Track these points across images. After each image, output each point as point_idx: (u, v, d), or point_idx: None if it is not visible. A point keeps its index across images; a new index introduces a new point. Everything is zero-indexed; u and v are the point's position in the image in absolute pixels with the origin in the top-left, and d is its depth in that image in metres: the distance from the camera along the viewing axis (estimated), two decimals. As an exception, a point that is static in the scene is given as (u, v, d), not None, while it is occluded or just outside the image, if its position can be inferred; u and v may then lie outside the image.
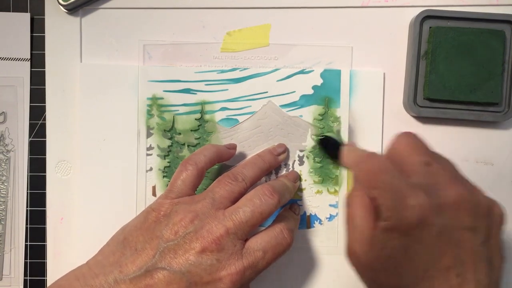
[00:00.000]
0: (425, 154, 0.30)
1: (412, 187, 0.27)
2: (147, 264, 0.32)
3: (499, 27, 0.39)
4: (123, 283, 0.31)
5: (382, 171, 0.29)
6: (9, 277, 0.42)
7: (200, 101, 0.41)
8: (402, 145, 0.31)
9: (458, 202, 0.27)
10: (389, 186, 0.28)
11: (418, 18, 0.39)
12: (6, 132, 0.42)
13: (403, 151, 0.30)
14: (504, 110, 0.39)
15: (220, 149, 0.38)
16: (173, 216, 0.33)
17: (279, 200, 0.34)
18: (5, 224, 0.42)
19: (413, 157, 0.30)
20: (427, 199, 0.27)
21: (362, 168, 0.30)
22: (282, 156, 0.40)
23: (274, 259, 0.34)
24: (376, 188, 0.28)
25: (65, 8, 0.41)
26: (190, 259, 0.31)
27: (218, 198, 0.34)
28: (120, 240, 0.34)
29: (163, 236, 0.32)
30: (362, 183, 0.30)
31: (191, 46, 0.41)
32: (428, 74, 0.39)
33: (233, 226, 0.32)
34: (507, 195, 0.41)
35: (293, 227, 0.36)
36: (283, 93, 0.41)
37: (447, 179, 0.28)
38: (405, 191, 0.27)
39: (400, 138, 0.31)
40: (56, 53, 0.41)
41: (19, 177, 0.42)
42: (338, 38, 0.41)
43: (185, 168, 0.36)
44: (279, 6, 0.41)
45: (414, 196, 0.27)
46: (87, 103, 0.41)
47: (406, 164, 0.30)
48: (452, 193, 0.27)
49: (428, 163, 0.29)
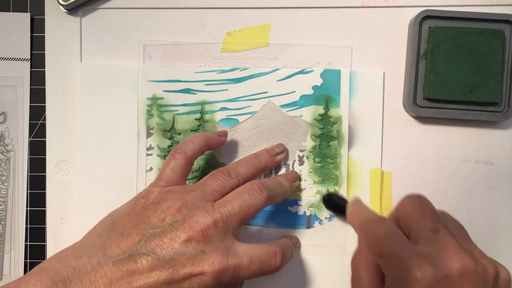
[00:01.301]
0: (433, 220, 0.30)
1: (418, 258, 0.28)
2: (132, 248, 0.31)
3: (499, 27, 0.39)
4: (106, 266, 0.31)
5: (388, 239, 0.29)
6: (9, 277, 0.42)
7: (200, 101, 0.41)
8: (409, 209, 0.31)
9: (464, 273, 0.27)
10: (395, 256, 0.28)
11: (417, 18, 0.39)
12: (6, 132, 0.42)
13: (410, 216, 0.30)
14: (504, 109, 0.39)
15: (210, 137, 0.38)
16: (161, 203, 0.33)
17: (268, 196, 0.34)
18: (5, 224, 0.42)
19: (421, 223, 0.30)
20: (433, 272, 0.27)
21: (369, 232, 0.30)
22: (280, 156, 0.40)
23: (256, 274, 0.33)
24: (382, 257, 0.28)
25: (65, 8, 0.41)
26: (175, 247, 0.31)
27: (209, 190, 0.34)
28: (107, 224, 0.34)
29: (150, 222, 0.32)
30: (368, 248, 0.30)
31: (191, 46, 0.41)
32: (427, 74, 0.39)
33: (220, 218, 0.32)
34: (507, 195, 0.41)
35: (287, 255, 0.36)
36: (283, 93, 0.41)
37: (453, 249, 0.28)
38: (410, 262, 0.27)
39: (408, 201, 0.31)
40: (56, 53, 0.41)
41: (19, 177, 0.42)
42: (338, 38, 0.41)
43: (173, 156, 0.36)
44: (279, 6, 0.41)
45: (420, 269, 0.27)
46: (87, 103, 0.41)
47: (413, 229, 0.30)
48: (457, 265, 0.27)
49: (435, 230, 0.29)
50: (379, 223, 0.30)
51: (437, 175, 0.41)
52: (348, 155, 0.41)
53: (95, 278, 0.30)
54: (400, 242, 0.29)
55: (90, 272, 0.30)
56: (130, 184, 0.41)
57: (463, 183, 0.41)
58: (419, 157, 0.41)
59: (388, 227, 0.29)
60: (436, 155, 0.41)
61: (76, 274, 0.30)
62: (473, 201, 0.40)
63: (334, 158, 0.41)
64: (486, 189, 0.41)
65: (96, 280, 0.30)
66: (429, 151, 0.41)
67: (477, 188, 0.41)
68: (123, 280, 0.30)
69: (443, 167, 0.41)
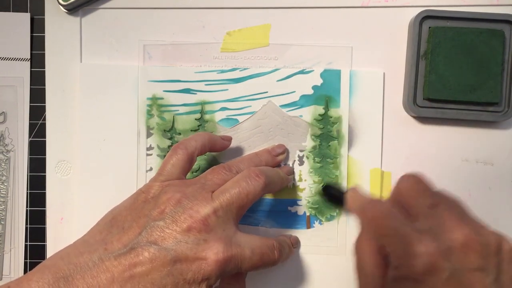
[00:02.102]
0: (429, 196, 0.30)
1: (419, 233, 0.28)
2: (133, 241, 0.31)
3: (499, 27, 0.39)
4: (107, 261, 0.31)
5: (387, 218, 0.29)
6: (9, 277, 0.42)
7: (200, 101, 0.41)
8: (405, 188, 0.31)
9: (466, 244, 0.27)
10: (396, 233, 0.28)
11: (417, 18, 0.39)
12: (6, 132, 0.42)
13: (407, 195, 0.30)
14: (504, 109, 0.39)
15: (213, 138, 0.38)
16: (161, 196, 0.33)
17: (265, 182, 0.35)
18: (5, 224, 0.42)
19: (418, 200, 0.30)
20: (435, 245, 0.27)
21: (367, 215, 0.30)
22: (281, 156, 0.40)
23: (257, 265, 0.34)
24: (383, 236, 0.28)
25: (65, 8, 0.41)
26: (177, 237, 0.31)
27: (209, 183, 0.34)
28: (108, 220, 0.34)
29: (151, 215, 0.32)
30: (369, 230, 0.30)
31: (191, 46, 0.41)
32: (427, 74, 0.39)
33: (220, 207, 0.33)
34: (507, 195, 0.41)
35: (285, 251, 0.37)
36: (283, 93, 0.41)
37: (454, 221, 0.28)
38: (412, 237, 0.27)
39: (403, 181, 0.31)
40: (56, 53, 0.41)
41: (19, 177, 0.42)
42: (338, 38, 0.41)
43: (175, 152, 0.36)
44: (279, 6, 0.41)
45: (422, 243, 0.27)
46: (87, 103, 0.41)
47: (411, 207, 0.30)
48: (459, 235, 0.27)
49: (433, 205, 0.29)
50: (378, 204, 0.30)
51: (437, 175, 0.40)
52: (348, 155, 0.41)
53: (97, 273, 0.30)
54: (400, 220, 0.28)
55: (91, 268, 0.30)
56: (130, 184, 0.41)
57: (463, 183, 0.41)
58: (419, 157, 0.41)
59: (387, 207, 0.29)
60: (436, 155, 0.41)
61: (78, 271, 0.30)
62: (473, 201, 0.40)
63: (334, 158, 0.41)
64: (486, 189, 0.41)
65: (98, 275, 0.30)
66: (429, 151, 0.41)
67: (477, 188, 0.41)
68: (125, 273, 0.30)
69: (443, 167, 0.41)
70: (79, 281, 0.30)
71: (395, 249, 0.28)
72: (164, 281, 0.31)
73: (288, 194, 0.41)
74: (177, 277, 0.31)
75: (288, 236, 0.40)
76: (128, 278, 0.30)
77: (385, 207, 0.29)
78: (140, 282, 0.30)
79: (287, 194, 0.41)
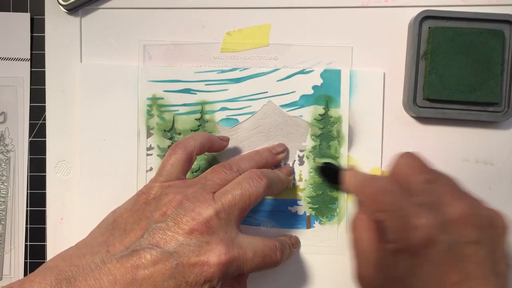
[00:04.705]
0: (426, 172, 0.30)
1: (417, 206, 0.28)
2: (135, 243, 0.31)
3: (498, 27, 0.39)
4: (109, 263, 0.31)
5: (385, 193, 0.29)
6: (9, 277, 0.42)
7: (200, 101, 0.41)
8: (402, 165, 0.31)
9: (462, 217, 0.27)
10: (394, 207, 0.28)
11: (417, 18, 0.39)
12: (6, 132, 0.42)
13: (404, 172, 0.31)
14: (504, 110, 0.39)
15: (212, 138, 0.38)
16: (162, 197, 0.33)
17: (267, 184, 0.35)
18: (5, 224, 0.42)
19: (415, 176, 0.30)
20: (432, 218, 0.27)
21: (365, 191, 0.30)
22: (281, 155, 0.40)
23: (259, 267, 0.34)
24: (381, 211, 0.29)
25: (65, 8, 0.41)
26: (179, 240, 0.31)
27: (210, 183, 0.34)
28: (109, 222, 0.34)
29: (153, 217, 0.32)
30: (366, 207, 0.31)
31: (191, 46, 0.41)
32: (427, 74, 0.39)
33: (222, 208, 0.33)
34: (507, 195, 0.41)
35: (286, 251, 0.37)
36: (283, 93, 0.41)
37: (450, 195, 0.29)
38: (410, 211, 0.28)
39: (400, 159, 0.31)
40: (56, 53, 0.41)
41: (19, 177, 0.42)
42: (338, 38, 0.41)
43: (174, 151, 0.36)
44: (279, 6, 0.41)
45: (419, 216, 0.27)
46: (87, 103, 0.41)
47: (408, 183, 0.30)
48: (456, 209, 0.28)
49: (430, 181, 0.29)
50: (377, 180, 0.30)
51: (437, 175, 0.41)
52: (348, 155, 0.41)
53: (99, 275, 0.30)
54: (398, 195, 0.29)
55: (94, 270, 0.30)
56: (130, 184, 0.41)
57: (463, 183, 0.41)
58: (419, 157, 0.41)
59: (384, 183, 0.30)
60: (436, 155, 0.41)
61: (80, 273, 0.30)
62: (473, 201, 0.40)
63: (334, 158, 0.41)
64: (486, 189, 0.41)
65: (100, 277, 0.30)
66: (429, 151, 0.41)
67: (477, 188, 0.40)
68: (128, 275, 0.30)
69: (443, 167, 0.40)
70: (82, 283, 0.30)
71: (394, 223, 0.28)
72: (166, 283, 0.31)
73: (288, 194, 0.41)
74: (179, 279, 0.31)
75: (288, 236, 0.40)
76: (130, 280, 0.30)
77: (383, 183, 0.30)
78: (142, 285, 0.30)
79: (287, 194, 0.41)
